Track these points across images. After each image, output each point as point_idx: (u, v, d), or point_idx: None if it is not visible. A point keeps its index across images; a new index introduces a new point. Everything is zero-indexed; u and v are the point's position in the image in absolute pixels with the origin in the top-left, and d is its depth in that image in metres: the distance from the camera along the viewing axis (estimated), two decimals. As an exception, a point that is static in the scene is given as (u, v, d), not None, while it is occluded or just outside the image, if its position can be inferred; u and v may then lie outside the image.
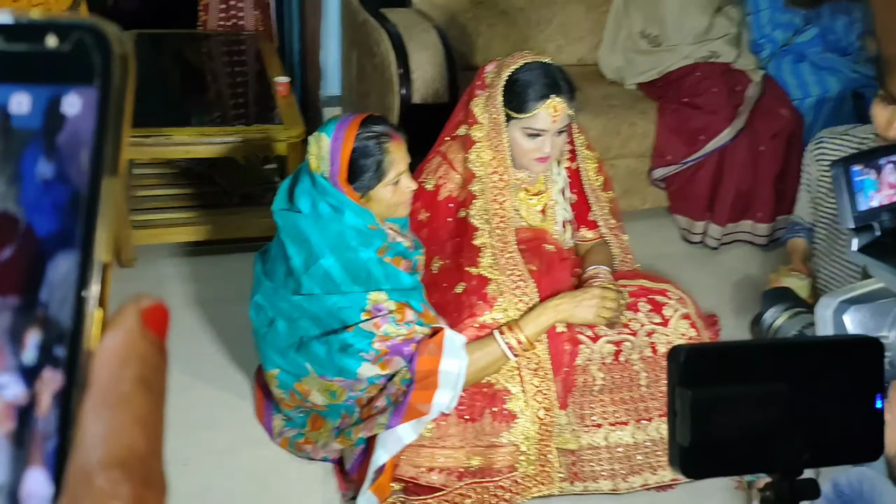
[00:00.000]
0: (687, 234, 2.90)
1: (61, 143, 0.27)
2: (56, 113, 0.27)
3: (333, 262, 1.59)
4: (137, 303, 0.28)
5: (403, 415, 1.59)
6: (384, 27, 2.70)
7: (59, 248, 0.27)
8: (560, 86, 1.72)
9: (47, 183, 0.27)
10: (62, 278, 0.27)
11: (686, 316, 1.84)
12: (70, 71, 0.27)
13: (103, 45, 0.27)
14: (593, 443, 1.77)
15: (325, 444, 1.77)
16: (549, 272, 1.79)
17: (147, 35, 3.34)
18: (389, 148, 1.62)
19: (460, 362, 1.60)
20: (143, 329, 0.28)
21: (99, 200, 0.27)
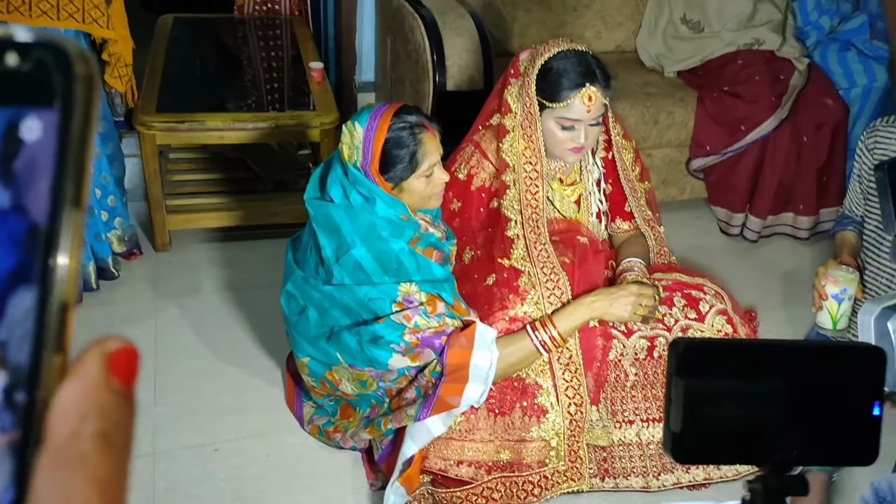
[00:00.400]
0: (725, 226, 2.84)
1: (18, 169, 0.25)
2: (13, 137, 0.25)
3: (365, 252, 1.57)
4: (102, 347, 0.25)
5: (433, 407, 1.58)
6: (419, 13, 2.67)
7: (17, 284, 0.25)
8: (595, 74, 1.68)
9: (3, 213, 0.25)
10: (21, 317, 0.25)
11: (723, 311, 1.80)
12: (30, 92, 0.25)
13: (65, 64, 0.25)
14: (625, 439, 1.74)
15: (355, 434, 1.77)
16: (582, 265, 1.76)
17: (184, 19, 3.36)
18: (423, 139, 1.59)
19: (491, 356, 1.58)
20: (108, 378, 0.25)
21: (59, 234, 0.25)
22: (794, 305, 2.49)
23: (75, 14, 2.15)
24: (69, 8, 2.14)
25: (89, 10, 2.16)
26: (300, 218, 2.71)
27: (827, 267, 1.75)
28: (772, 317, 2.42)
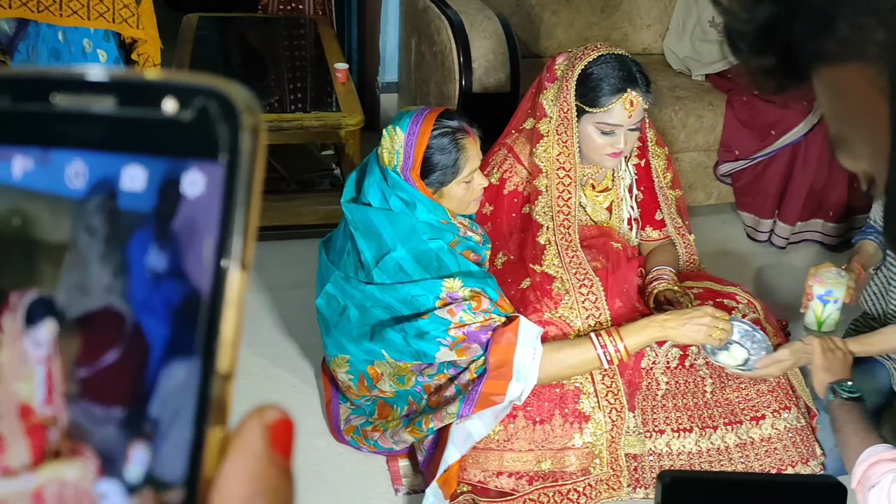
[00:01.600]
0: (753, 231, 2.80)
1: (177, 229, 0.23)
2: (172, 192, 0.23)
3: (405, 253, 1.57)
4: (262, 417, 0.23)
5: (476, 403, 1.56)
6: (445, 14, 2.66)
7: (173, 354, 0.23)
8: (637, 79, 1.66)
9: (159, 277, 0.23)
10: (176, 390, 0.23)
11: (755, 321, 1.77)
12: (191, 143, 0.23)
13: (230, 114, 0.23)
14: (656, 448, 1.72)
15: (395, 433, 1.75)
16: (615, 270, 1.74)
17: (209, 18, 3.36)
18: (465, 145, 1.59)
19: (534, 353, 1.56)
20: (271, 453, 0.23)
21: (222, 300, 0.23)
22: (824, 314, 2.45)
23: (105, 14, 2.15)
24: (99, 7, 2.14)
25: (119, 10, 2.17)
26: (324, 219, 2.72)
27: (818, 268, 1.74)
28: (800, 324, 2.38)
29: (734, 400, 1.73)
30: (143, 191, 0.23)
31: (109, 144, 0.23)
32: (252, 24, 3.49)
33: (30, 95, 0.24)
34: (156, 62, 2.34)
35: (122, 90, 0.23)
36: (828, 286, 1.70)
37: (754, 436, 1.72)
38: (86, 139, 0.24)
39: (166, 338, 0.23)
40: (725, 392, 1.73)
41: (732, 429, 1.71)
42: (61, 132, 0.24)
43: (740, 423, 1.72)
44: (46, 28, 2.17)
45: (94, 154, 0.24)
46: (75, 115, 0.24)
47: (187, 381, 0.23)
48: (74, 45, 2.19)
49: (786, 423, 1.72)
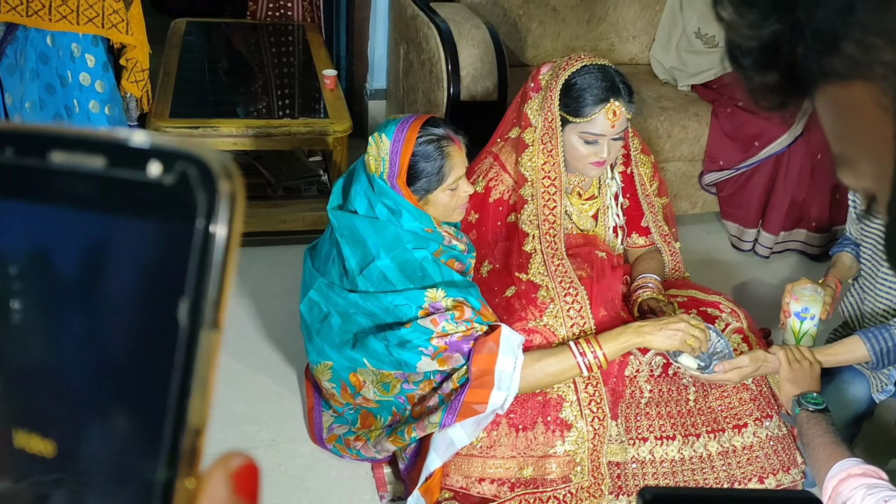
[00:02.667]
0: (737, 241, 2.83)
1: (153, 288, 0.24)
2: (151, 252, 0.24)
3: (389, 262, 1.57)
4: (227, 466, 0.24)
5: (458, 413, 1.57)
6: (434, 22, 2.67)
7: (147, 408, 0.24)
8: (619, 89, 1.67)
9: (134, 334, 0.24)
10: (145, 442, 0.24)
11: (739, 330, 1.79)
12: (172, 205, 0.24)
13: (208, 180, 0.24)
14: (639, 456, 1.73)
15: (377, 443, 1.75)
16: (600, 279, 1.75)
17: (196, 23, 3.36)
18: (450, 152, 1.59)
19: (515, 361, 1.57)
20: (236, 499, 0.24)
21: (195, 358, 0.24)
22: (807, 323, 2.48)
23: (95, 19, 2.15)
24: (89, 13, 2.14)
25: (109, 16, 2.16)
26: (310, 225, 2.72)
27: (794, 285, 1.75)
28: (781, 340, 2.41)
29: (717, 408, 1.74)
30: (121, 249, 0.24)
31: (95, 203, 0.24)
32: (240, 29, 3.49)
33: (29, 151, 0.25)
34: (144, 67, 2.34)
35: (112, 151, 0.24)
36: (804, 303, 1.72)
37: (736, 444, 1.73)
38: (75, 196, 0.24)
39: (141, 391, 0.24)
40: (708, 400, 1.74)
41: (715, 437, 1.73)
42: (54, 188, 0.25)
43: (722, 431, 1.73)
44: (35, 32, 2.16)
45: (79, 211, 0.24)
46: (69, 172, 0.24)
47: (161, 435, 0.24)
48: (63, 50, 2.18)
49: (767, 431, 1.73)
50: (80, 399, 0.24)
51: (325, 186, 2.96)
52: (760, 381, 1.75)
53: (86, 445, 0.24)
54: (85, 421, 0.24)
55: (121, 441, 0.24)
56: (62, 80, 2.19)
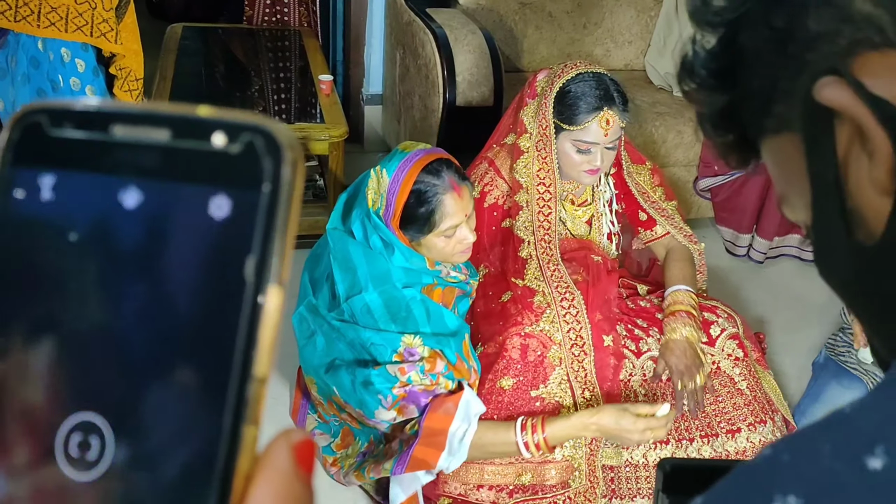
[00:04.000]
0: (732, 246, 2.84)
1: (222, 249, 0.26)
2: (221, 215, 0.26)
3: (376, 297, 1.53)
4: (288, 439, 0.26)
5: (406, 465, 1.54)
6: (430, 28, 2.68)
7: (216, 359, 0.26)
8: (613, 98, 1.67)
9: (205, 293, 0.26)
10: (214, 391, 0.26)
11: (734, 336, 1.79)
12: (238, 174, 0.26)
13: (274, 149, 0.26)
14: (632, 460, 1.73)
15: (347, 474, 1.75)
16: (596, 284, 1.75)
17: (193, 28, 3.37)
18: (445, 200, 1.50)
19: (469, 428, 1.53)
20: (297, 470, 0.26)
21: (261, 312, 0.25)
22: (802, 328, 2.49)
23: (84, 27, 2.14)
24: (78, 21, 2.13)
25: (98, 24, 2.16)
26: (306, 230, 2.71)
27: None
28: (778, 340, 2.42)
29: (710, 413, 1.74)
30: (191, 214, 0.26)
31: (163, 173, 0.26)
32: (237, 34, 3.50)
33: (93, 126, 0.27)
34: (139, 76, 2.33)
35: (175, 124, 0.26)
36: None
37: (730, 449, 1.73)
38: (141, 168, 0.26)
39: (209, 346, 0.26)
40: (701, 405, 1.75)
41: (708, 441, 1.73)
42: (120, 160, 0.26)
43: (716, 435, 1.73)
44: (26, 37, 2.16)
45: (148, 181, 0.26)
46: (134, 145, 0.26)
47: (228, 385, 0.25)
48: (54, 54, 2.18)
49: (761, 436, 1.74)
50: (149, 356, 0.26)
51: (320, 191, 2.96)
52: (755, 387, 1.76)
53: (151, 402, 0.26)
54: (152, 376, 0.26)
55: (187, 395, 0.25)
56: (53, 85, 2.19)
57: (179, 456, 0.25)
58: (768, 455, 0.31)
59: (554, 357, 1.68)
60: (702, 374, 1.70)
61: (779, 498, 0.28)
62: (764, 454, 0.31)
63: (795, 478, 0.28)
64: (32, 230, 0.27)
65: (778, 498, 0.28)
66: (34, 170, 0.27)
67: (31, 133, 0.27)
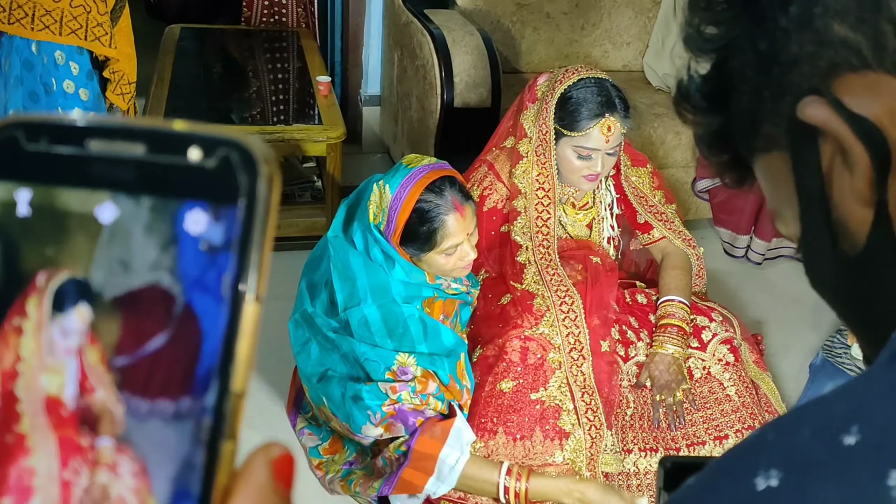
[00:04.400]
0: (730, 247, 2.84)
1: (197, 264, 0.26)
2: (194, 231, 0.26)
3: (374, 311, 1.53)
4: (267, 453, 0.26)
5: (394, 487, 1.54)
6: (428, 29, 2.68)
7: None
8: (615, 104, 1.67)
9: (180, 308, 0.26)
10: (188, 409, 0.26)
11: (727, 340, 1.79)
12: (214, 189, 0.26)
13: (250, 164, 0.26)
14: (624, 468, 1.73)
15: (332, 481, 1.75)
16: (594, 286, 1.75)
17: (190, 29, 3.36)
18: (446, 221, 1.50)
19: (461, 456, 1.52)
20: (275, 485, 0.26)
21: (238, 327, 0.25)
22: (799, 329, 2.49)
23: (78, 31, 2.14)
24: (72, 24, 2.13)
25: (92, 28, 2.15)
26: (304, 231, 2.71)
27: None
28: (776, 341, 2.42)
29: (698, 420, 1.74)
30: (168, 229, 0.26)
31: (140, 187, 0.26)
32: (234, 35, 3.49)
33: (69, 140, 0.27)
34: (131, 80, 2.32)
35: (150, 138, 0.26)
36: None
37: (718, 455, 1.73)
38: (117, 182, 0.26)
39: (189, 361, 0.26)
40: (689, 412, 1.74)
41: (694, 450, 1.73)
42: (97, 175, 0.26)
43: (703, 443, 1.73)
44: (20, 40, 2.15)
45: (124, 196, 0.26)
46: (110, 159, 0.26)
47: (204, 402, 0.25)
48: (48, 57, 2.17)
49: None
50: (124, 373, 0.26)
51: (318, 192, 2.96)
52: (744, 392, 1.75)
53: (128, 417, 0.26)
54: (128, 393, 0.26)
55: (164, 410, 0.25)
56: (46, 88, 2.19)
57: (158, 471, 0.25)
58: (756, 435, 0.33)
59: (553, 360, 1.68)
60: (681, 391, 1.72)
61: (762, 472, 0.30)
62: (753, 435, 0.33)
63: (778, 454, 0.30)
64: (8, 246, 0.27)
65: (761, 472, 0.30)
66: (10, 185, 0.27)
67: (6, 148, 0.27)
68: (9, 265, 0.27)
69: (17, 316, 0.26)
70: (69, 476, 0.26)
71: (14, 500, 0.25)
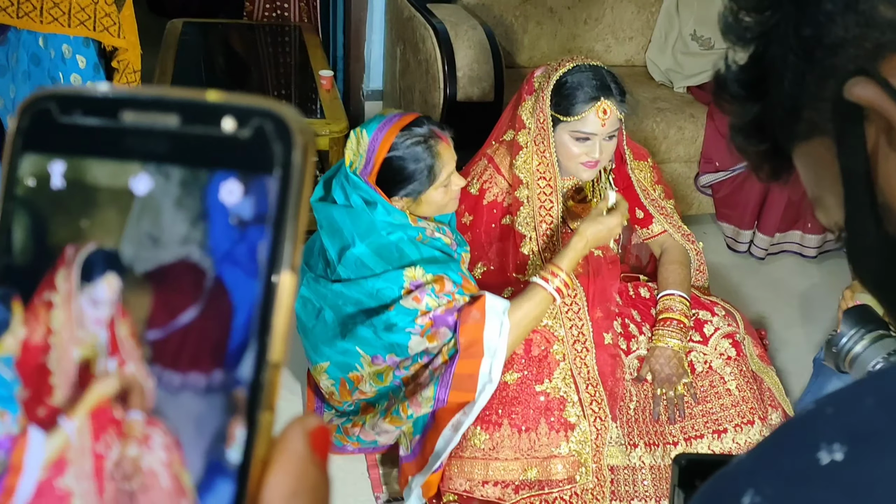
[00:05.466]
0: (733, 242, 2.83)
1: (234, 235, 0.25)
2: (229, 203, 0.25)
3: (364, 248, 1.57)
4: (304, 424, 0.26)
5: (451, 385, 1.57)
6: (431, 23, 2.67)
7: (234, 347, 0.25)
8: (610, 88, 1.67)
9: (218, 279, 0.26)
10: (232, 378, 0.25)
11: (729, 335, 1.78)
12: (249, 159, 0.25)
13: (284, 133, 0.25)
14: (630, 462, 1.73)
15: (375, 424, 1.72)
16: (596, 278, 1.75)
17: (192, 24, 3.36)
18: (439, 150, 1.58)
19: (502, 328, 1.57)
20: (312, 455, 0.26)
21: (274, 298, 0.25)
22: (803, 324, 2.49)
23: (87, 22, 2.14)
24: (80, 15, 2.13)
25: (101, 19, 2.15)
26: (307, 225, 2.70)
27: (853, 290, 1.72)
28: (780, 336, 2.41)
29: (697, 414, 1.74)
30: (202, 200, 0.26)
31: (174, 158, 0.26)
32: (237, 30, 3.49)
33: (102, 112, 0.26)
34: (136, 69, 2.33)
35: (184, 109, 0.26)
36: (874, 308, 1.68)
37: (715, 449, 1.72)
38: (151, 153, 0.26)
39: (225, 332, 0.25)
40: (689, 406, 1.74)
41: (690, 444, 1.72)
42: (130, 147, 0.26)
43: (701, 437, 1.73)
44: (27, 34, 2.15)
45: (158, 167, 0.26)
46: (144, 131, 0.26)
47: (241, 371, 0.25)
48: (55, 51, 2.17)
49: (747, 437, 1.73)
50: (161, 347, 0.26)
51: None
52: (744, 387, 1.75)
53: (166, 390, 0.26)
54: (165, 367, 0.25)
55: (203, 379, 0.25)
56: (53, 82, 2.19)
57: (191, 444, 0.25)
58: (812, 409, 0.31)
59: (557, 352, 1.68)
60: (682, 385, 1.71)
61: (824, 446, 0.29)
62: (807, 409, 0.32)
63: (840, 427, 0.29)
64: (44, 218, 0.26)
65: (824, 446, 0.29)
66: (44, 157, 0.27)
67: (40, 120, 0.27)
68: (39, 239, 0.26)
69: (47, 290, 0.26)
70: (101, 449, 0.25)
71: (50, 473, 0.25)
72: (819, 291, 2.63)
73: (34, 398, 0.26)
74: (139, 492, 0.25)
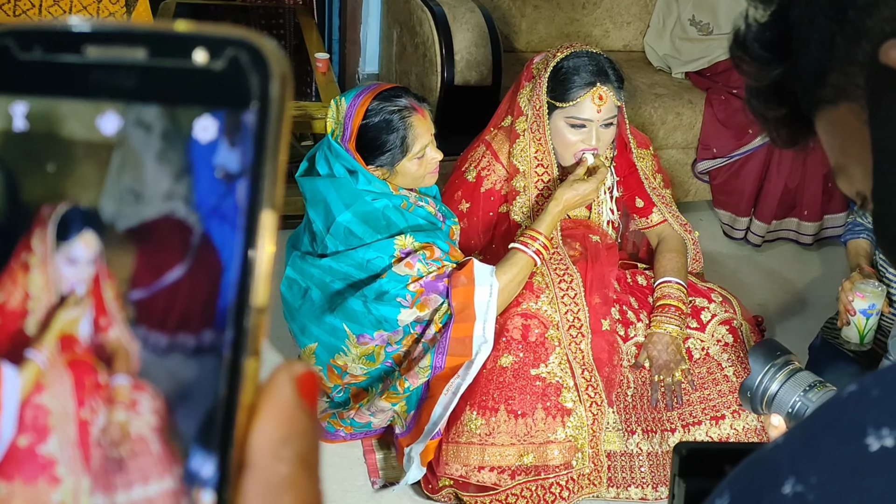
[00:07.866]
0: (729, 229, 2.83)
1: (211, 172, 0.24)
2: (204, 140, 0.24)
3: (350, 216, 1.58)
4: (290, 370, 0.25)
5: (447, 351, 1.58)
6: (428, 6, 2.64)
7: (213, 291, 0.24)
8: (607, 73, 1.65)
9: (194, 219, 0.24)
10: None
11: (726, 321, 1.78)
12: (223, 93, 0.24)
13: (261, 64, 0.24)
14: (627, 448, 1.73)
15: (371, 404, 1.73)
16: (594, 264, 1.74)
17: (186, 5, 3.32)
18: (413, 122, 1.60)
19: (491, 288, 1.60)
20: (300, 400, 0.25)
21: (255, 237, 0.24)
22: (799, 311, 2.49)
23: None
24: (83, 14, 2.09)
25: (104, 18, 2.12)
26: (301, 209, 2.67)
27: (853, 281, 1.71)
28: (775, 323, 2.42)
29: (695, 400, 1.74)
30: (175, 138, 0.24)
31: (143, 95, 0.24)
32: (230, 11, 3.45)
33: (65, 47, 0.25)
34: None
35: (152, 41, 0.24)
36: (871, 300, 1.67)
37: (713, 436, 1.73)
38: (119, 90, 0.24)
39: (205, 274, 0.24)
40: (687, 393, 1.74)
41: (688, 430, 1.72)
42: (96, 84, 0.24)
43: (699, 423, 1.73)
44: None
45: (126, 105, 0.24)
46: (110, 66, 0.24)
47: (224, 316, 0.24)
48: None
49: (745, 423, 1.73)
50: (139, 288, 0.25)
51: (316, 171, 2.94)
52: (741, 373, 1.75)
53: (146, 334, 0.24)
54: (143, 309, 0.24)
55: (185, 324, 0.24)
56: None
57: (181, 407, 0.24)
58: (855, 391, 0.29)
59: (553, 338, 1.67)
60: (680, 371, 1.71)
61: (872, 431, 0.27)
62: (849, 390, 0.30)
63: (889, 411, 0.28)
64: (12, 170, 0.25)
65: (871, 431, 0.27)
66: (4, 98, 0.25)
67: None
68: (12, 195, 0.25)
69: (24, 252, 0.25)
70: (86, 415, 0.25)
71: (31, 439, 0.25)
72: (815, 278, 2.63)
73: (8, 348, 0.25)
74: (128, 458, 0.24)
